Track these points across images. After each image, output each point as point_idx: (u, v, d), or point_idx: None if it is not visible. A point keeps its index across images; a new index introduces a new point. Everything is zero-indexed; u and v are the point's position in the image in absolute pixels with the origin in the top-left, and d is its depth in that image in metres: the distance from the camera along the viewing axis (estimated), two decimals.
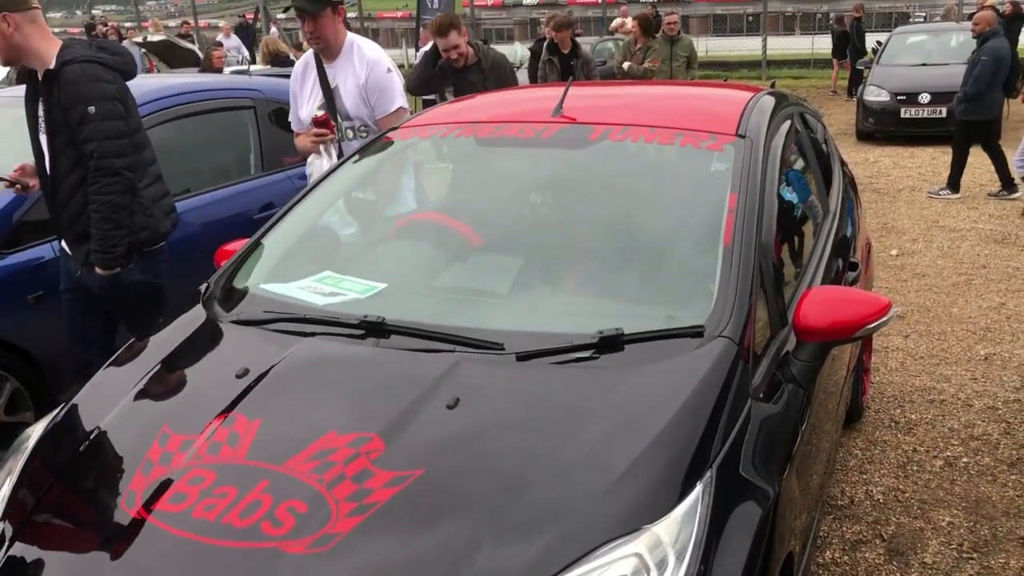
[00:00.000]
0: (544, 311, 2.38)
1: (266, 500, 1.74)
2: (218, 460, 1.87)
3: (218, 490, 1.78)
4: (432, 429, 1.89)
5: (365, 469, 1.78)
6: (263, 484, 1.78)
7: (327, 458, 1.81)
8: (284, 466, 1.82)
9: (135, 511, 1.79)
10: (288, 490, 1.76)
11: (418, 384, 1.99)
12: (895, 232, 7.47)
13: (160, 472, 1.87)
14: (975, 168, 8.66)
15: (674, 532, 1.66)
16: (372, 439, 1.84)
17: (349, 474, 1.77)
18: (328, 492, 1.74)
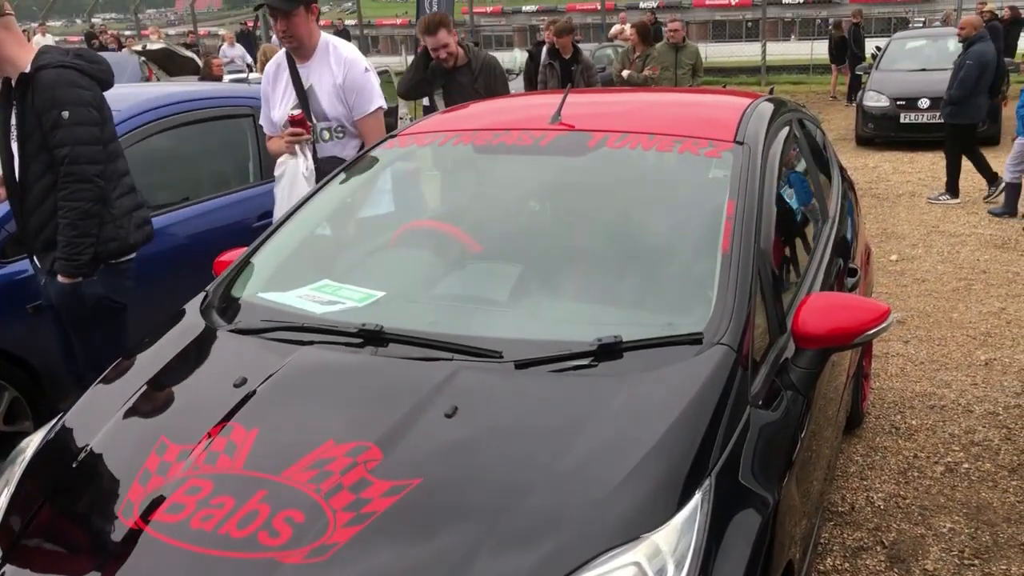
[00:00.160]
0: (543, 319, 2.38)
1: (264, 510, 1.73)
2: (216, 470, 1.86)
3: (216, 500, 1.78)
4: (430, 438, 1.88)
5: (363, 478, 1.77)
6: (261, 494, 1.77)
7: (325, 467, 1.81)
8: (282, 476, 1.81)
9: (132, 521, 1.79)
10: (286, 500, 1.75)
11: (416, 392, 1.98)
12: (895, 237, 7.47)
13: (158, 482, 1.86)
14: (974, 173, 8.66)
15: (673, 540, 1.66)
16: (370, 448, 1.83)
17: (347, 483, 1.76)
18: (326, 502, 1.73)
